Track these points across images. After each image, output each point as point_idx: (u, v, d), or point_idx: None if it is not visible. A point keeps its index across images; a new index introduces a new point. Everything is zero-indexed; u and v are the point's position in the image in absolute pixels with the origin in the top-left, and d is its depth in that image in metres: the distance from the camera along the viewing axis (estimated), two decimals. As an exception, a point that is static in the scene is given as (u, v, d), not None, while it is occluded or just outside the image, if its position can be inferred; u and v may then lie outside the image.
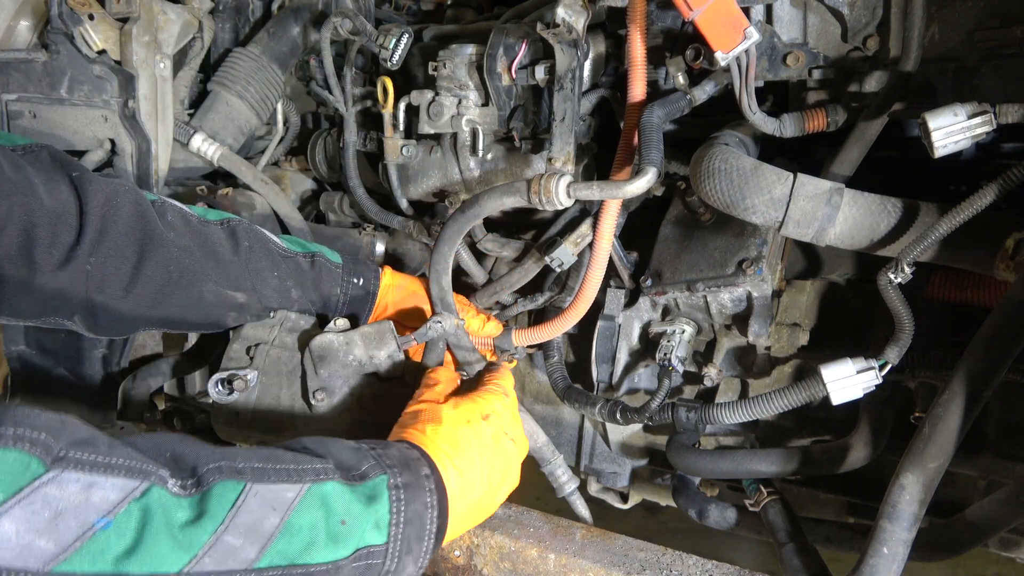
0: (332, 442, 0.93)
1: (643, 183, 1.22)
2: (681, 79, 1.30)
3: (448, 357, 1.45)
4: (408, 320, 1.48)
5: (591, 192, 1.27)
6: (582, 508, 1.40)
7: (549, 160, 1.40)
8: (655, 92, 1.37)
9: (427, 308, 1.47)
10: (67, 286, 1.13)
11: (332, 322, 1.35)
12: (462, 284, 1.65)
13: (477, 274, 1.62)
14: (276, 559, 0.76)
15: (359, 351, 1.30)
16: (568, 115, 1.38)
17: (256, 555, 0.75)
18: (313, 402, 1.29)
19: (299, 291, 1.39)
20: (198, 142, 1.64)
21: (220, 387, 1.32)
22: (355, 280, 1.44)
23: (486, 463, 1.08)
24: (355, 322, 1.37)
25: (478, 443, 1.08)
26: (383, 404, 1.36)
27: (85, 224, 1.13)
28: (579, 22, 1.32)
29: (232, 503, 0.75)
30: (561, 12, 1.30)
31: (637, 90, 1.31)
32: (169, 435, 0.81)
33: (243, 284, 1.32)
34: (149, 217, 1.20)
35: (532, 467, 1.46)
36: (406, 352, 1.34)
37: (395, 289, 1.49)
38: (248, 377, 1.32)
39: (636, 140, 1.30)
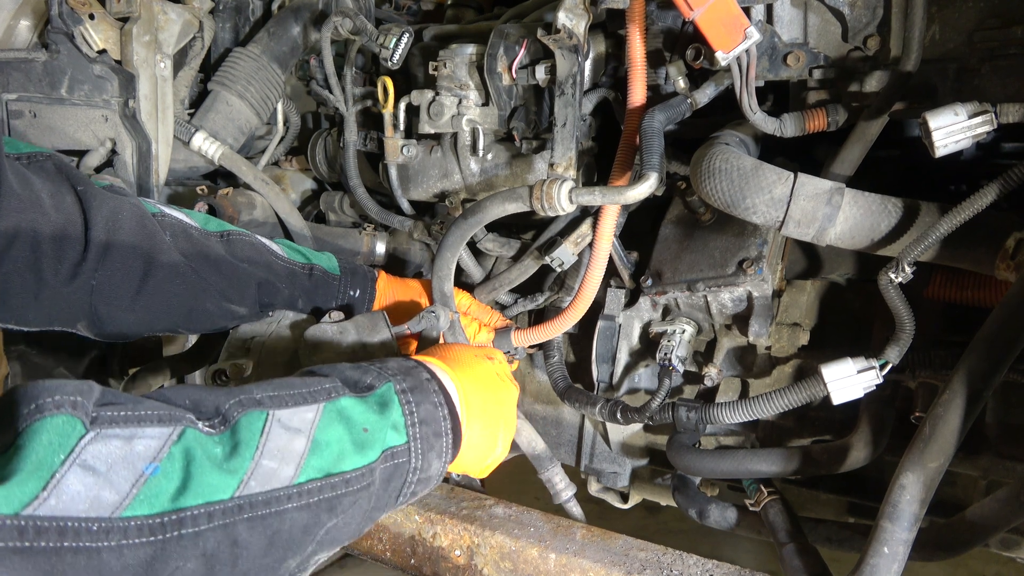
0: (335, 364, 0.99)
1: (644, 189, 1.22)
2: (682, 83, 1.30)
3: None
4: (406, 318, 1.48)
5: (593, 198, 1.27)
6: (578, 515, 1.41)
7: (551, 165, 1.40)
8: (656, 96, 1.37)
9: (425, 304, 1.48)
10: (73, 299, 1.15)
11: (327, 315, 1.36)
12: (461, 284, 1.64)
13: (476, 274, 1.62)
14: (312, 473, 0.81)
15: (352, 338, 1.31)
16: (569, 120, 1.37)
17: (294, 472, 0.80)
18: None
19: (299, 301, 1.42)
20: (199, 140, 1.64)
21: (216, 380, 1.33)
22: (352, 292, 1.47)
23: (485, 384, 1.10)
24: (350, 315, 1.38)
25: (477, 365, 1.11)
26: None
27: (90, 239, 1.13)
28: (580, 26, 1.32)
29: (260, 431, 0.80)
30: (562, 17, 1.30)
31: (637, 93, 1.31)
32: (184, 386, 0.86)
33: (246, 298, 1.34)
34: (153, 232, 1.21)
35: (531, 468, 1.46)
36: (400, 342, 1.35)
37: (390, 291, 1.51)
38: (244, 366, 1.33)
39: (636, 142, 1.29)
